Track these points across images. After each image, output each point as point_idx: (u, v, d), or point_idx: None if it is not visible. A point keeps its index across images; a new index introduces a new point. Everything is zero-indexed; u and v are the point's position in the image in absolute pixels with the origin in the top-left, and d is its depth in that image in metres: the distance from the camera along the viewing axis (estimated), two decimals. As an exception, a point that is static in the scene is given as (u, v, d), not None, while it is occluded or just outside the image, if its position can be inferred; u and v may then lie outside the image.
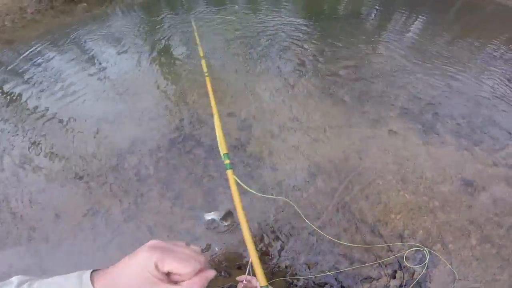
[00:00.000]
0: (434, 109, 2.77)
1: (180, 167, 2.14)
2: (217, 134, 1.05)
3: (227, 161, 0.94)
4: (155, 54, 3.37)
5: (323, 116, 2.63)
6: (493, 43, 3.99)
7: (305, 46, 3.65)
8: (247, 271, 0.86)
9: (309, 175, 2.15)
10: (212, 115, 1.21)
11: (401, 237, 1.84)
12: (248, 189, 0.97)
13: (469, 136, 2.52)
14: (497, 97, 2.98)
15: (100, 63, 3.24)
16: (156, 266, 0.43)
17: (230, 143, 2.34)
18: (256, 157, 2.25)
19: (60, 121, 2.52)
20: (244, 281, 0.86)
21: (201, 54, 2.24)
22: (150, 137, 2.35)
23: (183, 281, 0.46)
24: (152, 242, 0.47)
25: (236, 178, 0.92)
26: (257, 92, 2.87)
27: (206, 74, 1.73)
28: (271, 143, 2.37)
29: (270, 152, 2.30)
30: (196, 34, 2.80)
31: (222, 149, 0.99)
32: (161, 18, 4.18)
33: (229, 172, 0.90)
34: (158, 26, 3.96)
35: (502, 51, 3.81)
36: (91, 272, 0.46)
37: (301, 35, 3.88)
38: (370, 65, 3.35)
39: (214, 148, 2.28)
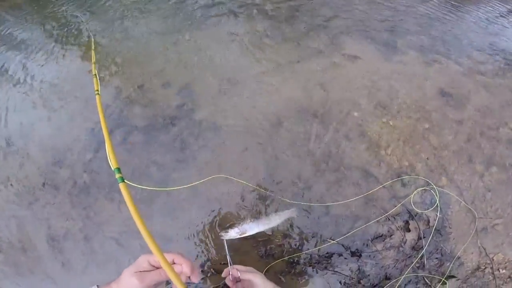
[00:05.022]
0: (389, 28, 2.51)
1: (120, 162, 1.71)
2: (106, 147, 0.96)
3: (118, 175, 0.84)
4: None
5: (271, 56, 2.26)
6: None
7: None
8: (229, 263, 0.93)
9: (272, 125, 1.79)
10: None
11: (400, 177, 1.54)
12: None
13: (433, 49, 2.30)
14: (445, 11, 2.79)
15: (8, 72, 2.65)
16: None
17: (171, 114, 1.91)
18: (208, 124, 1.85)
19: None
20: (229, 273, 0.87)
21: (94, 71, 1.74)
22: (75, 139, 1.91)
23: None
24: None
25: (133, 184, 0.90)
26: (191, 47, 2.41)
27: (96, 92, 1.39)
28: (220, 102, 1.96)
29: (223, 113, 1.90)
30: (92, 50, 2.18)
31: (113, 163, 0.90)
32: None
33: (122, 186, 0.80)
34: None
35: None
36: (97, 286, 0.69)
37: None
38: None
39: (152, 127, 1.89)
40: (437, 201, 1.46)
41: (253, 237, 1.36)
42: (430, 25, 2.57)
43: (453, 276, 1.40)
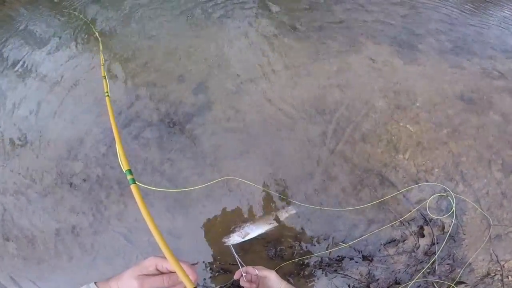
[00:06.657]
0: (407, 29, 2.37)
1: (132, 157, 1.68)
2: (117, 148, 0.90)
3: (130, 177, 0.79)
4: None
5: (287, 56, 2.17)
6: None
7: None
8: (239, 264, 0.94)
9: (286, 125, 1.74)
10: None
11: (416, 182, 1.48)
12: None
13: (454, 51, 2.17)
14: (467, 13, 2.62)
15: (29, 67, 2.54)
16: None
17: (186, 112, 1.86)
18: (222, 121, 1.81)
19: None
20: (243, 274, 0.88)
21: (103, 73, 1.59)
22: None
23: None
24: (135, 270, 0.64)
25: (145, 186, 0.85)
26: (206, 45, 2.33)
27: (106, 94, 1.39)
28: (234, 100, 1.91)
29: (237, 111, 1.84)
30: (101, 52, 2.09)
31: (124, 165, 0.85)
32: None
33: (133, 187, 0.74)
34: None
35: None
36: (95, 283, 0.63)
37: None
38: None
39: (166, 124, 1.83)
40: (453, 208, 1.40)
41: (261, 237, 1.33)
42: (451, 27, 2.42)
43: (462, 282, 1.37)
